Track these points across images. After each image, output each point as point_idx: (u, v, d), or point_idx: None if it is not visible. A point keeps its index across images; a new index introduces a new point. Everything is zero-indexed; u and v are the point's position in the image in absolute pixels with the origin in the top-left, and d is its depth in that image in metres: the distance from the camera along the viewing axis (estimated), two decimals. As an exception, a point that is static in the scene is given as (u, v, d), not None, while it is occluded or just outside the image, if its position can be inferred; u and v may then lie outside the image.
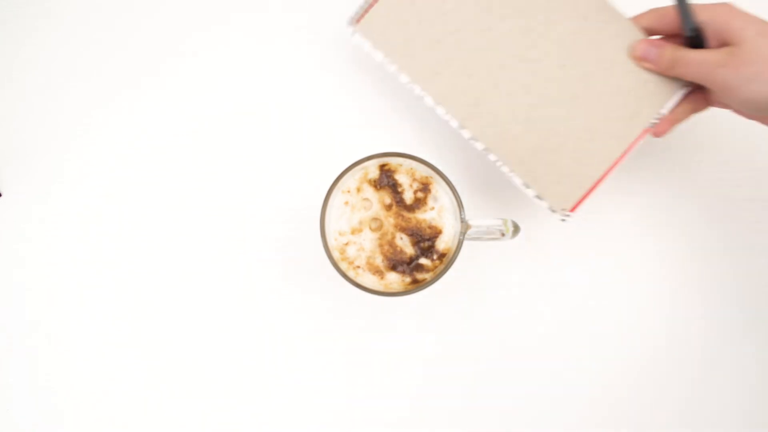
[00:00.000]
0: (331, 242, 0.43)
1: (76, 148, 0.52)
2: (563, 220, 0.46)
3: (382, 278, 0.43)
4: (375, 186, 0.44)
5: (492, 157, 0.46)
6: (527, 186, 0.46)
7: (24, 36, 0.53)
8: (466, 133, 0.46)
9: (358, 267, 0.43)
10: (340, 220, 0.44)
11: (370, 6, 0.47)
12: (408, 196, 0.44)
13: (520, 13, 0.46)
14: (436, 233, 0.43)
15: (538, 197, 0.46)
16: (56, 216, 0.51)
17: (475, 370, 0.50)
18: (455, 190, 0.43)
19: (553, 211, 0.46)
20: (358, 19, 0.47)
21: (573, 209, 0.46)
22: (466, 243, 0.43)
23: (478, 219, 0.44)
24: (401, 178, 0.44)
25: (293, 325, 0.50)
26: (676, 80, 0.45)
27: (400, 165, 0.44)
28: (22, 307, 0.50)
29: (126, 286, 0.51)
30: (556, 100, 0.46)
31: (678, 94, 0.45)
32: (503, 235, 0.44)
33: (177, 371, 0.50)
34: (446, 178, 0.43)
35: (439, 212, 0.44)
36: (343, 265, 0.43)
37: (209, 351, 0.50)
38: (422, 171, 0.44)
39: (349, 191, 0.44)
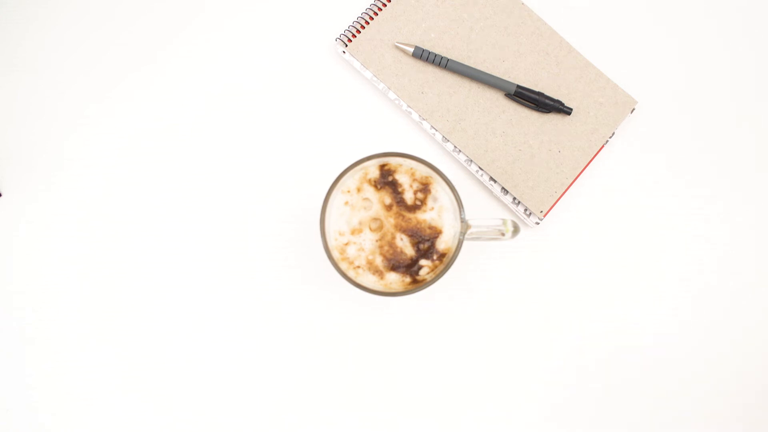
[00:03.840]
0: (331, 242, 0.43)
1: (76, 148, 0.52)
2: (537, 222, 0.50)
3: (382, 278, 0.43)
4: (375, 186, 0.44)
5: (473, 168, 0.51)
6: (505, 192, 0.50)
7: (21, 37, 0.53)
8: (449, 146, 0.51)
9: (358, 267, 0.43)
10: (340, 220, 0.44)
11: (358, 31, 0.52)
12: (408, 197, 0.44)
13: (493, 46, 0.52)
14: (436, 233, 0.43)
15: (516, 202, 0.50)
16: (56, 216, 0.51)
17: (476, 369, 0.50)
18: (455, 190, 0.43)
19: (530, 214, 0.50)
20: (346, 41, 0.52)
21: (547, 212, 0.50)
22: (465, 243, 0.43)
23: (477, 219, 0.43)
24: (401, 178, 0.44)
25: (293, 325, 0.50)
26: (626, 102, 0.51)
27: (400, 165, 0.44)
28: (22, 307, 0.50)
29: (126, 285, 0.51)
30: (530, 116, 0.51)
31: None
32: (503, 235, 0.44)
33: (177, 369, 0.50)
34: (446, 178, 0.43)
35: (439, 212, 0.44)
36: (343, 265, 0.43)
37: (208, 350, 0.50)
38: (422, 171, 0.44)
39: (349, 191, 0.44)
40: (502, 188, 0.51)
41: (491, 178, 0.51)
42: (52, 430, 0.49)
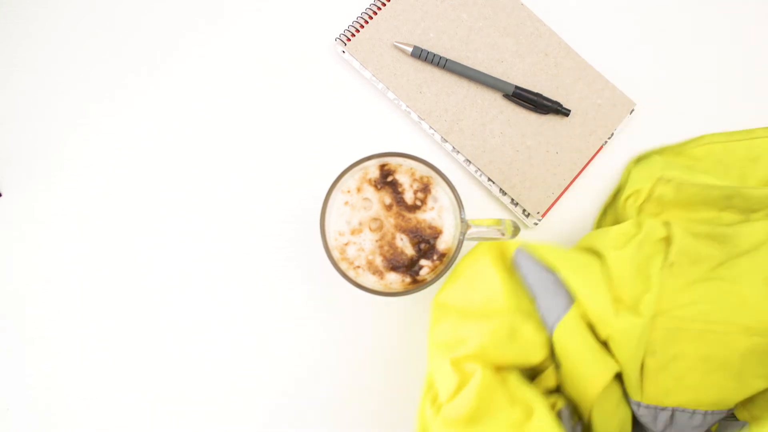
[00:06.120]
0: (331, 242, 0.43)
1: (76, 148, 0.52)
2: (536, 223, 0.51)
3: (382, 278, 0.43)
4: (375, 186, 0.44)
5: (472, 168, 0.51)
6: (503, 193, 0.51)
7: (21, 37, 0.53)
8: (448, 146, 0.51)
9: (358, 267, 0.43)
10: (340, 220, 0.44)
11: (357, 30, 0.52)
12: (408, 197, 0.44)
13: (492, 47, 0.52)
14: (436, 233, 0.44)
15: (514, 203, 0.51)
16: (56, 216, 0.51)
17: (475, 370, 0.50)
18: (455, 190, 0.43)
19: (528, 215, 0.50)
20: (345, 41, 0.52)
21: (545, 213, 0.50)
22: (466, 243, 0.43)
23: (477, 219, 0.44)
24: (401, 178, 0.44)
25: (292, 324, 0.51)
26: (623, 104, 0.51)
27: (400, 165, 0.44)
28: (22, 308, 0.50)
29: (126, 285, 0.51)
30: (528, 117, 0.51)
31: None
32: (503, 235, 0.44)
33: (177, 369, 0.50)
34: (446, 178, 0.43)
35: (439, 212, 0.44)
36: (343, 265, 0.43)
37: (208, 349, 0.50)
38: (422, 171, 0.44)
39: (349, 191, 0.44)
40: (500, 189, 0.51)
41: (490, 179, 0.51)
42: (52, 430, 0.49)
